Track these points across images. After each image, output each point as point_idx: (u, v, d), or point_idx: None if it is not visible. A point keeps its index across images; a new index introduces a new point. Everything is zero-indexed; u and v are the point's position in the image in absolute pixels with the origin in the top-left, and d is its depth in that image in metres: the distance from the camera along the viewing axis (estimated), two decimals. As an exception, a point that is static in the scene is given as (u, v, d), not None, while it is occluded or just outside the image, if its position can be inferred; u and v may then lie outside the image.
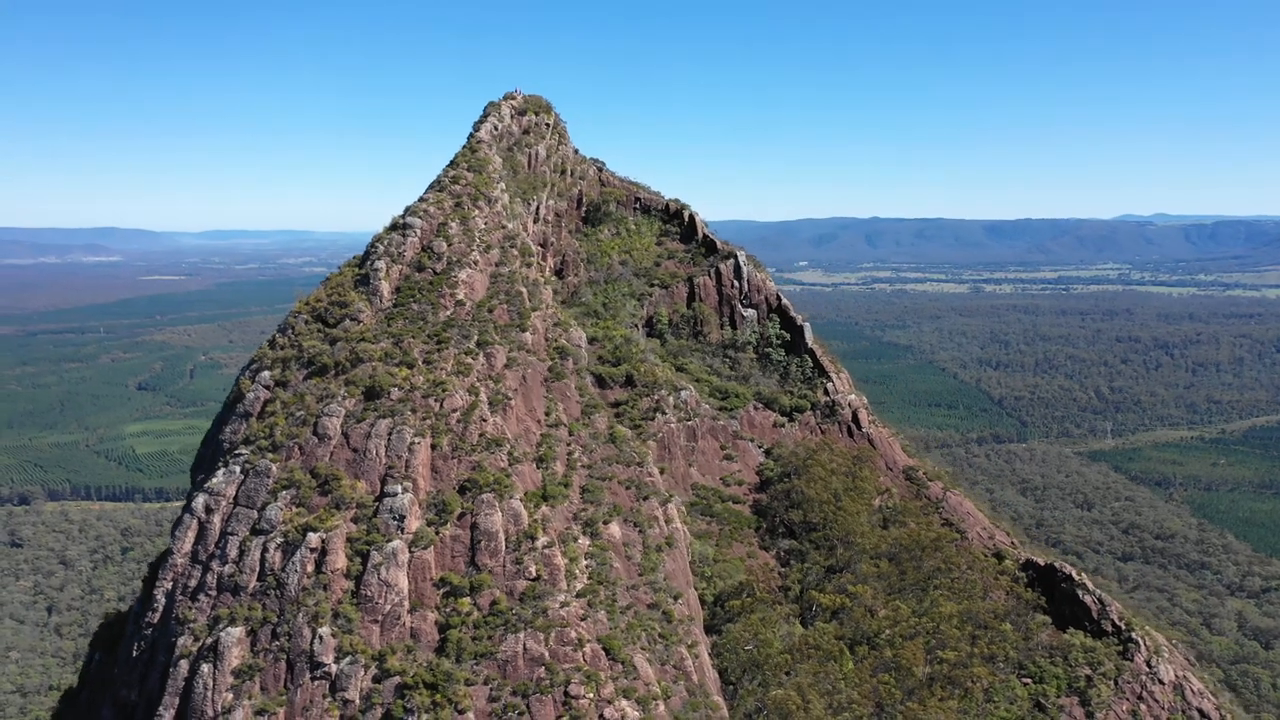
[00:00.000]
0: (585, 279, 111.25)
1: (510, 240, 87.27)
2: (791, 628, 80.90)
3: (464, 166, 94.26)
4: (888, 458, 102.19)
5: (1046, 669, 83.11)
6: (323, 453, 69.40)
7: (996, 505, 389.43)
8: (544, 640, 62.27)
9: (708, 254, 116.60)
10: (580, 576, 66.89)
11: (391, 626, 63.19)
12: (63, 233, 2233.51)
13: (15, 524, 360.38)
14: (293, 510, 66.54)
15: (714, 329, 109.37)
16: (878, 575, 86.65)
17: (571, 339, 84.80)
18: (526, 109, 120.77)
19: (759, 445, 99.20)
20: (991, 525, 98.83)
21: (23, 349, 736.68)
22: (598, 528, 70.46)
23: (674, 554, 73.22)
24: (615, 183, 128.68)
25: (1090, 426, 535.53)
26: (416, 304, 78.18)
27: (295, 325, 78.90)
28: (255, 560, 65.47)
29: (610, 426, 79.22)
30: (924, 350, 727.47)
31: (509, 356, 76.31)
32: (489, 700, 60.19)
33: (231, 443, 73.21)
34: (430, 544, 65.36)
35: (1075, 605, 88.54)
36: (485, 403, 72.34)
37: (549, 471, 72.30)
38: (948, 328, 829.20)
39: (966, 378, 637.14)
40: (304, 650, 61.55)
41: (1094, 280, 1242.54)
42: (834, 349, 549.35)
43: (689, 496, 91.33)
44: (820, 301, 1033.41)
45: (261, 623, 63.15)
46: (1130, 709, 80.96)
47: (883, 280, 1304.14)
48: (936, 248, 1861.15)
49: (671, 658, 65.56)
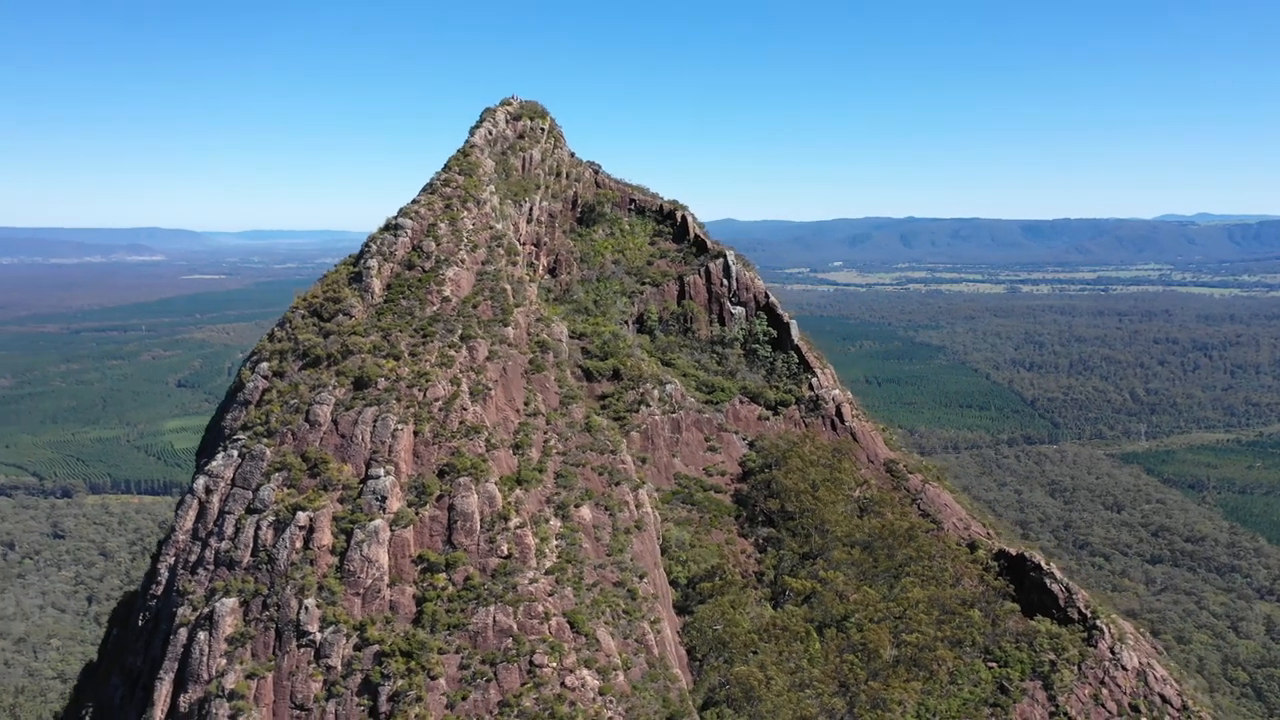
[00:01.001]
0: (578, 277, 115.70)
1: (497, 240, 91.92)
2: (762, 610, 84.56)
3: (455, 170, 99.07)
4: (869, 450, 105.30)
5: (1012, 654, 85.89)
6: (313, 438, 74.35)
7: (1025, 506, 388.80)
8: (512, 613, 66.70)
9: (698, 253, 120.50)
10: (550, 555, 71.20)
11: (372, 599, 67.91)
12: (107, 232, 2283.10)
13: (58, 516, 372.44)
14: (284, 491, 71.51)
15: (703, 325, 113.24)
16: (850, 562, 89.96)
17: (553, 334, 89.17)
18: (522, 114, 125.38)
19: (743, 438, 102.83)
20: (968, 516, 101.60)
21: (67, 346, 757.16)
22: (569, 510, 74.75)
23: (642, 536, 77.27)
24: (611, 185, 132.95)
25: (1124, 428, 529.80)
26: (405, 300, 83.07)
27: (293, 320, 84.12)
28: (249, 537, 70.53)
29: (587, 416, 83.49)
30: (957, 351, 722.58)
31: (490, 350, 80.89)
32: (459, 668, 64.72)
33: (231, 429, 78.48)
34: (410, 523, 70.00)
35: (1043, 593, 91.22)
36: (466, 392, 76.94)
37: (524, 457, 76.72)
38: (982, 328, 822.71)
39: (999, 378, 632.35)
40: (291, 620, 66.48)
41: (1134, 281, 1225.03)
42: (866, 349, 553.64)
43: (672, 485, 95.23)
44: (854, 302, 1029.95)
45: (254, 594, 68.14)
46: (1092, 693, 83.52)
47: (917, 280, 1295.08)
48: (973, 248, 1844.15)
49: (634, 632, 69.65)
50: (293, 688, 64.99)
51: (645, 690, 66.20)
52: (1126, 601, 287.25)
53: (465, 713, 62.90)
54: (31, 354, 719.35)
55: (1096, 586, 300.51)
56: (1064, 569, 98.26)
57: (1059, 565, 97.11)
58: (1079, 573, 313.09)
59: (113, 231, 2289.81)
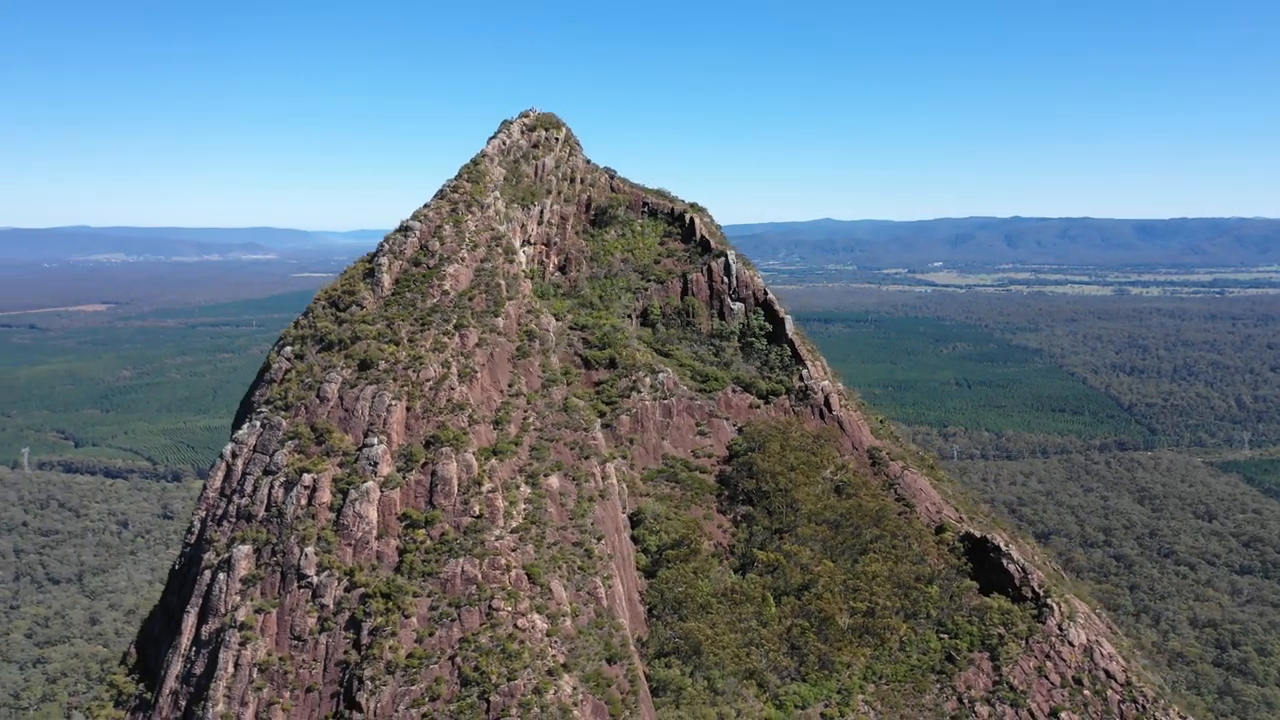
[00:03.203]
0: (587, 274, 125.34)
1: (497, 240, 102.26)
2: (724, 577, 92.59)
3: (464, 178, 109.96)
4: (854, 438, 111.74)
5: (963, 627, 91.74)
6: (322, 411, 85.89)
7: (1110, 513, 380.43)
8: (478, 565, 76.70)
9: (703, 253, 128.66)
10: (517, 517, 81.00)
11: (361, 549, 78.84)
12: (225, 232, 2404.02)
13: (168, 498, 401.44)
14: (295, 456, 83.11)
15: (704, 319, 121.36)
16: (817, 538, 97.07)
17: (541, 324, 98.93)
18: (537, 126, 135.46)
19: (733, 424, 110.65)
20: (941, 501, 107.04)
21: (184, 340, 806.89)
22: (539, 479, 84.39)
23: (605, 505, 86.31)
24: (626, 189, 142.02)
25: (1226, 436, 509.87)
26: (410, 293, 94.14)
27: (315, 310, 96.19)
28: (264, 495, 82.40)
29: (565, 398, 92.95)
30: (1054, 354, 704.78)
31: (480, 337, 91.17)
32: (429, 609, 75.04)
33: (257, 403, 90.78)
34: (397, 486, 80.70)
35: (1002, 573, 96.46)
36: (455, 374, 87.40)
37: (503, 432, 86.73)
38: (1082, 331, 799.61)
39: (1096, 383, 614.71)
40: (294, 565, 77.90)
41: (1254, 284, 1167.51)
42: (958, 351, 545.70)
43: (658, 464, 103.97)
44: (951, 303, 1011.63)
45: (265, 543, 79.86)
46: (1037, 665, 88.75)
47: (1020, 282, 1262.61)
48: (1081, 248, 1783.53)
49: (586, 585, 78.84)
50: (292, 621, 76.34)
51: (590, 635, 75.31)
52: (1208, 611, 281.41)
53: (431, 647, 73.06)
54: (151, 347, 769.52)
55: (1177, 595, 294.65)
56: (1082, 563, 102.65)
57: (1066, 553, 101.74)
58: (1160, 580, 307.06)
59: (230, 231, 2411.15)
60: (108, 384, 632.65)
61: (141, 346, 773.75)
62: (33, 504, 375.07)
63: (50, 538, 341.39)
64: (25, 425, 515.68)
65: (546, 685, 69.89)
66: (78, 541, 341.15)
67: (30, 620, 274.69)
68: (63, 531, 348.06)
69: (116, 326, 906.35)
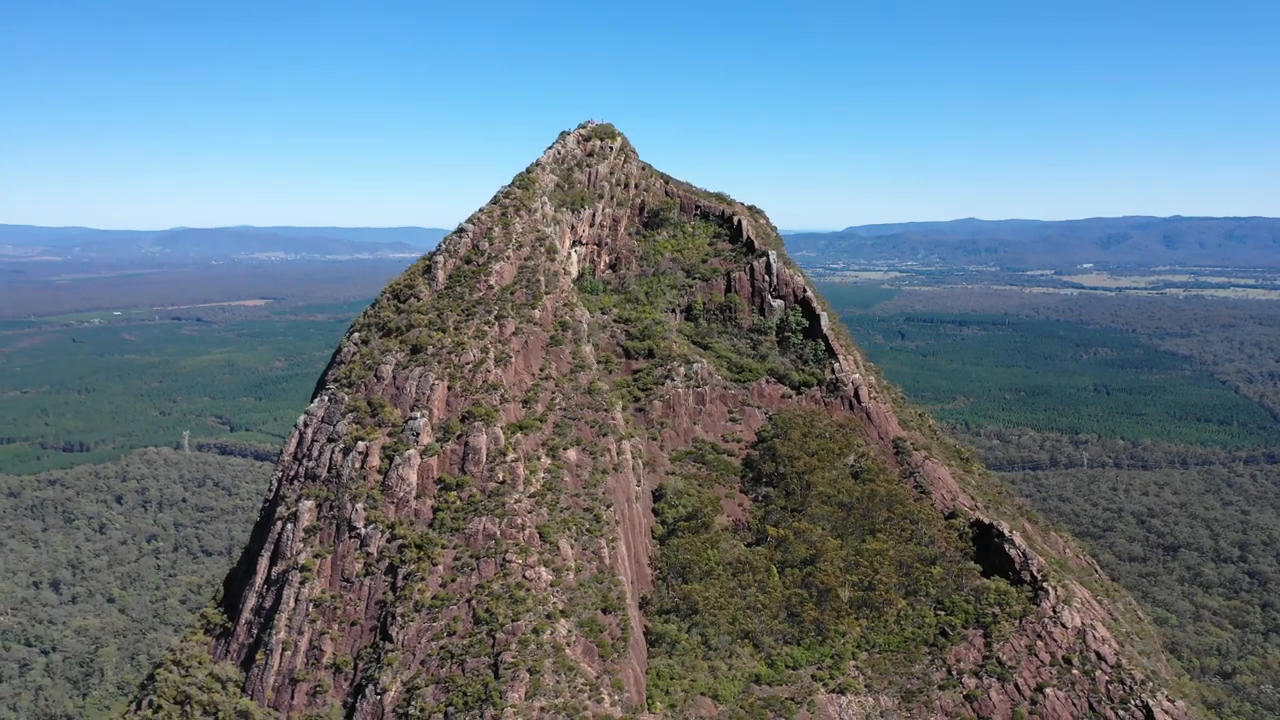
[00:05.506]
0: (635, 273, 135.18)
1: (540, 241, 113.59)
2: (734, 548, 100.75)
3: (516, 185, 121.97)
4: (880, 428, 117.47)
5: (960, 605, 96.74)
6: (378, 389, 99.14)
7: (1248, 528, 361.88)
8: (498, 523, 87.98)
9: (747, 253, 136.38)
10: (535, 484, 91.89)
11: (402, 507, 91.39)
12: (375, 231, 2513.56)
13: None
14: (353, 427, 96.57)
15: (744, 315, 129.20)
16: (827, 518, 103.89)
17: (575, 317, 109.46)
18: (592, 136, 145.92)
19: (764, 412, 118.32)
20: (958, 490, 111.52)
21: (332, 334, 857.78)
22: (559, 452, 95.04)
23: (619, 477, 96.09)
24: (680, 194, 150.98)
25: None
26: (460, 287, 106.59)
27: (380, 301, 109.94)
28: (326, 459, 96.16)
29: (590, 382, 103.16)
30: (1206, 361, 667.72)
31: (517, 326, 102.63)
32: (454, 559, 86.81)
33: (327, 381, 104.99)
34: (435, 454, 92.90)
35: (1004, 558, 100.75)
36: (492, 359, 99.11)
37: (530, 410, 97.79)
38: (1239, 338, 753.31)
39: (1249, 392, 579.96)
40: (346, 519, 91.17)
41: None
42: (1100, 357, 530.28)
43: (688, 447, 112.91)
44: (1097, 306, 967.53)
45: (324, 500, 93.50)
46: (1027, 644, 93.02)
47: (1177, 285, 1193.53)
48: (1248, 250, 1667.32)
49: (592, 546, 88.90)
50: (343, 566, 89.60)
51: (589, 588, 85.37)
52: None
53: (452, 591, 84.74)
54: (302, 340, 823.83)
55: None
56: (1093, 550, 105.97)
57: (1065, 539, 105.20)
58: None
59: (380, 230, 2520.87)
60: (262, 373, 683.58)
61: (293, 339, 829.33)
62: (191, 482, 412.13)
63: (205, 513, 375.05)
64: (188, 410, 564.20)
65: (544, 627, 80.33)
66: (229, 518, 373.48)
67: (185, 587, 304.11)
68: (216, 508, 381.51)
69: (272, 320, 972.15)
